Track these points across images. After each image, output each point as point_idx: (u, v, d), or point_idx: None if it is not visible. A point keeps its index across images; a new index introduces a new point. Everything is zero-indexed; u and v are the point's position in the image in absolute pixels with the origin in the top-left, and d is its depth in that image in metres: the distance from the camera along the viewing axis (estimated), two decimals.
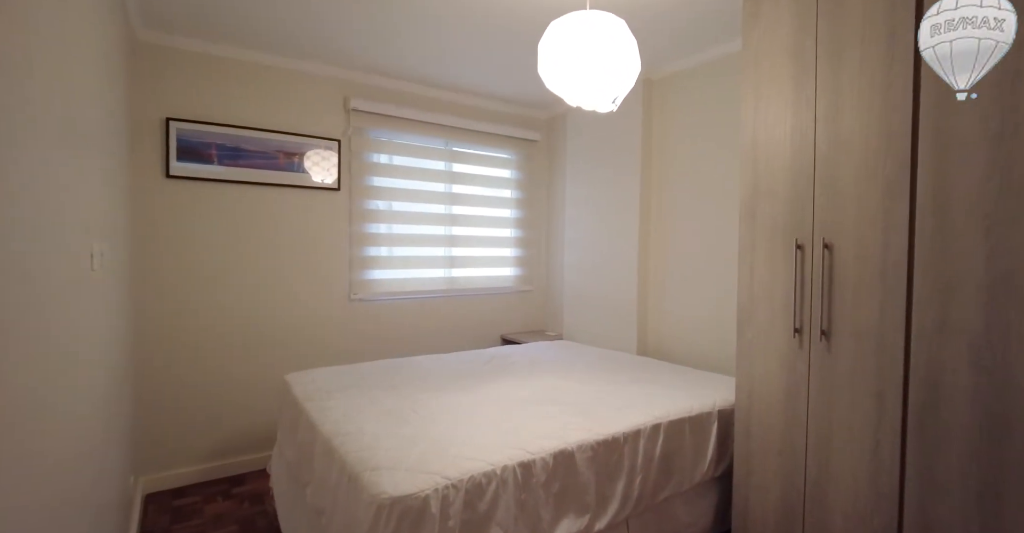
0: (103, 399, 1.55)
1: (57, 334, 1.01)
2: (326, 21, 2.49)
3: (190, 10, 2.41)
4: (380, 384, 2.29)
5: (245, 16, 2.46)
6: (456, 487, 1.39)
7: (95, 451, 1.46)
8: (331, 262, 3.13)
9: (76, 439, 1.17)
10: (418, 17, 2.44)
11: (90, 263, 1.28)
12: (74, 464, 1.14)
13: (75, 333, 1.15)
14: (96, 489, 1.43)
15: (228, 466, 2.83)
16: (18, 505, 0.79)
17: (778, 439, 1.87)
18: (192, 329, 2.75)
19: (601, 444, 1.70)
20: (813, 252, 1.75)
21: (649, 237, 3.14)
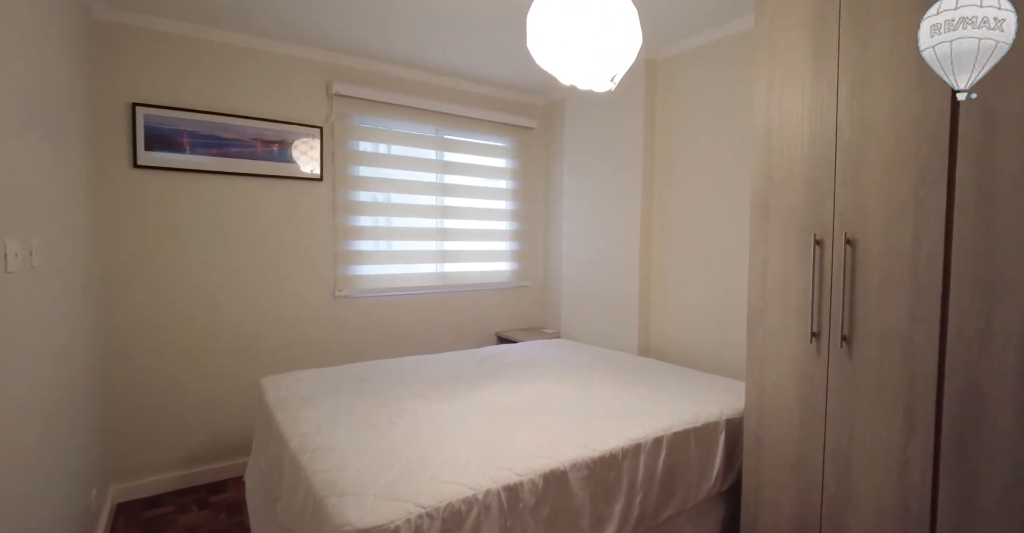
0: (42, 406, 1.39)
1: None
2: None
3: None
4: (360, 390, 2.12)
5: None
6: (432, 516, 1.23)
7: (29, 463, 1.30)
8: (314, 257, 2.96)
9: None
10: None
11: (3, 263, 1.11)
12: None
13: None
14: (31, 504, 1.28)
15: (206, 473, 2.69)
16: None
17: (792, 452, 1.71)
18: (166, 328, 2.59)
19: (597, 462, 1.54)
20: (833, 248, 1.58)
21: (652, 230, 2.96)
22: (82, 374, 1.95)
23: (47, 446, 1.48)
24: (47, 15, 1.59)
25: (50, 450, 1.51)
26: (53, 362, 1.56)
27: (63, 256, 1.71)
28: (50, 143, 1.59)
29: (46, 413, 1.49)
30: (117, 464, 2.49)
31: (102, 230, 2.42)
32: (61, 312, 1.65)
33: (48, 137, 1.57)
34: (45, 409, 1.48)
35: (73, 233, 1.87)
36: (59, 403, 1.62)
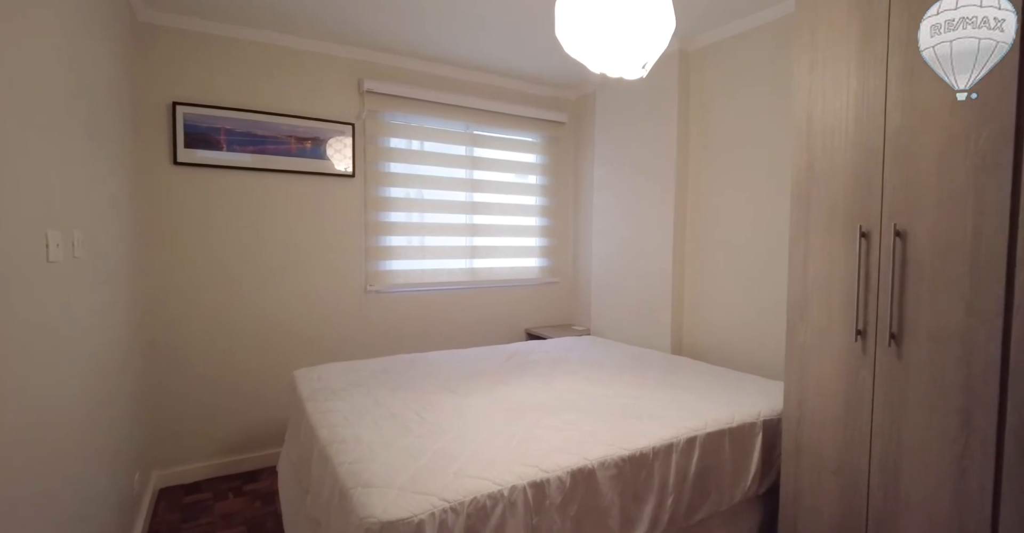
0: (85, 392, 1.44)
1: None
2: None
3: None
4: (389, 383, 2.13)
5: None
6: (456, 511, 1.22)
7: (75, 447, 1.35)
8: (346, 252, 3.00)
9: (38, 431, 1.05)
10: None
11: (45, 252, 1.15)
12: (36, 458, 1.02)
13: (29, 323, 1.03)
14: (77, 487, 1.33)
15: (242, 462, 2.76)
16: None
17: (835, 456, 1.62)
18: (205, 320, 2.66)
19: (627, 460, 1.49)
20: (881, 241, 1.48)
21: (686, 225, 2.88)
22: (125, 364, 2.02)
23: (92, 432, 1.53)
24: (95, 18, 1.65)
25: (95, 436, 1.57)
26: (98, 351, 1.61)
27: (106, 249, 1.77)
28: (93, 140, 1.64)
29: (92, 400, 1.54)
30: (159, 451, 2.58)
31: (144, 225, 2.50)
32: (104, 303, 1.71)
33: (91, 135, 1.62)
34: (91, 397, 1.53)
35: (115, 227, 1.93)
36: (104, 391, 1.68)
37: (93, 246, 1.59)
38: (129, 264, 2.17)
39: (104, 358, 1.70)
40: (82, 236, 1.46)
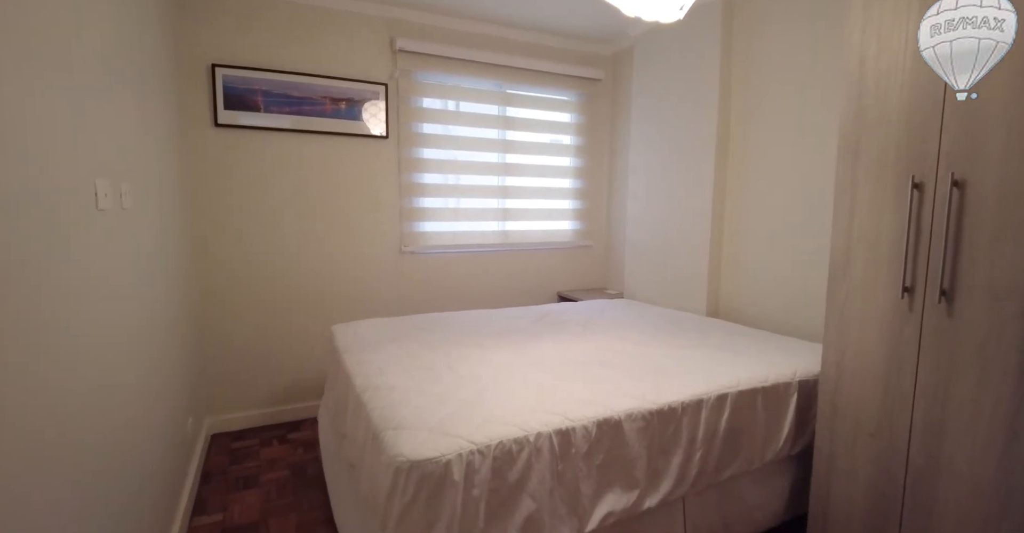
0: (143, 336, 1.53)
1: (54, 267, 0.94)
2: None
3: None
4: (422, 338, 2.18)
5: None
6: (483, 453, 1.25)
7: (133, 395, 1.45)
8: (381, 213, 3.04)
9: (93, 373, 1.13)
10: None
11: (95, 200, 1.21)
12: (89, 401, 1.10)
13: (79, 270, 1.09)
14: (133, 427, 1.43)
15: (286, 412, 2.90)
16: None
17: (873, 418, 1.57)
18: (248, 278, 2.77)
19: (655, 414, 1.49)
20: (936, 191, 1.39)
21: (726, 184, 2.77)
22: (178, 317, 2.13)
23: (149, 379, 1.64)
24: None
25: (152, 383, 1.68)
26: (153, 300, 1.71)
27: (154, 203, 1.84)
28: (137, 99, 1.69)
29: (150, 346, 1.64)
30: (211, 399, 2.74)
31: (189, 185, 2.59)
32: (155, 255, 1.80)
33: (137, 94, 1.67)
34: (149, 342, 1.63)
35: (161, 183, 2.01)
36: (160, 338, 1.78)
37: (141, 199, 1.66)
38: (177, 220, 2.26)
39: (159, 307, 1.80)
40: (129, 188, 1.52)
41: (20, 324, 0.83)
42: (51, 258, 0.96)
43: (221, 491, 2.16)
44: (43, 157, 0.96)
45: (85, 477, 1.06)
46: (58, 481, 0.93)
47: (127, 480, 1.36)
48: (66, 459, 0.97)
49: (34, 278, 0.89)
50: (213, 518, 1.97)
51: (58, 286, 0.98)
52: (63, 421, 0.96)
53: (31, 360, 0.86)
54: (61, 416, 0.96)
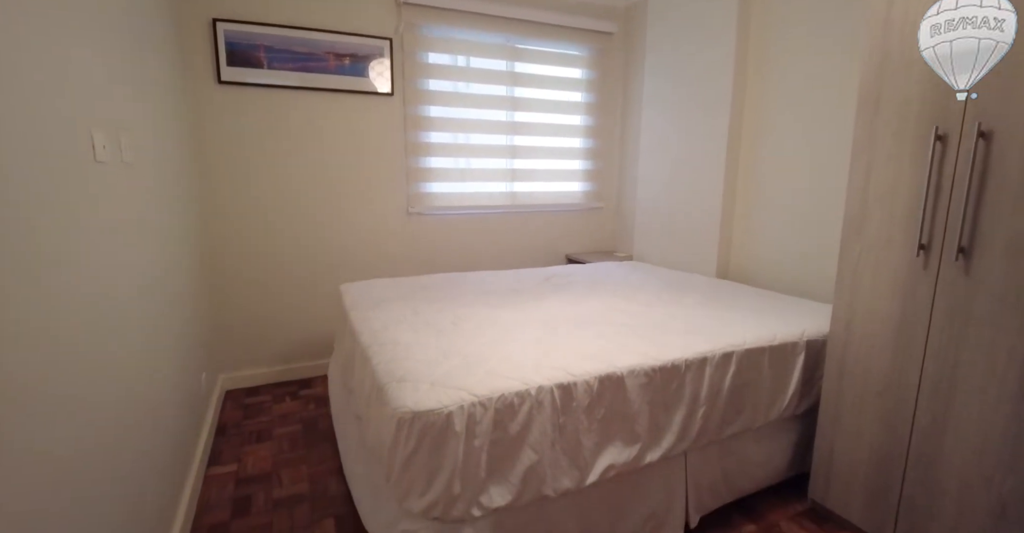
0: (143, 291, 1.54)
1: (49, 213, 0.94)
2: None
3: None
4: (427, 296, 2.18)
5: None
6: (484, 405, 1.26)
7: (143, 352, 1.48)
8: (388, 173, 3.00)
9: (92, 321, 1.14)
10: None
11: (92, 152, 1.19)
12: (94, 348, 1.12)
13: (78, 221, 1.09)
14: (145, 382, 1.46)
15: (298, 370, 2.96)
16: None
17: (880, 378, 1.56)
18: (256, 237, 2.78)
19: (658, 370, 1.49)
20: (961, 143, 1.32)
21: (740, 142, 2.68)
22: (188, 275, 2.15)
23: (158, 334, 1.67)
24: None
25: (161, 338, 1.71)
26: (157, 257, 1.72)
27: (157, 159, 1.83)
28: (135, 52, 1.65)
29: (158, 302, 1.66)
30: (225, 356, 2.80)
31: (195, 143, 2.57)
32: (161, 211, 1.80)
33: (133, 46, 1.63)
34: (157, 298, 1.65)
35: (166, 140, 1.99)
36: (170, 293, 1.80)
37: (144, 154, 1.65)
38: (183, 177, 2.25)
39: (167, 263, 1.81)
40: (130, 142, 1.50)
41: (19, 271, 0.83)
42: (45, 207, 0.95)
43: (235, 444, 2.23)
44: (34, 103, 0.94)
45: (101, 426, 1.09)
46: (74, 429, 0.96)
47: (143, 431, 1.40)
48: (80, 408, 1.00)
49: (30, 225, 0.88)
50: (227, 469, 2.04)
51: (55, 235, 0.98)
52: (67, 376, 0.98)
53: (32, 309, 0.86)
54: (66, 372, 0.97)
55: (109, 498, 1.14)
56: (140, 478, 1.35)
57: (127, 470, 1.26)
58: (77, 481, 0.99)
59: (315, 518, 1.75)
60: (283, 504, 1.82)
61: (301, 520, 1.74)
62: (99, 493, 1.09)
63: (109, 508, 1.14)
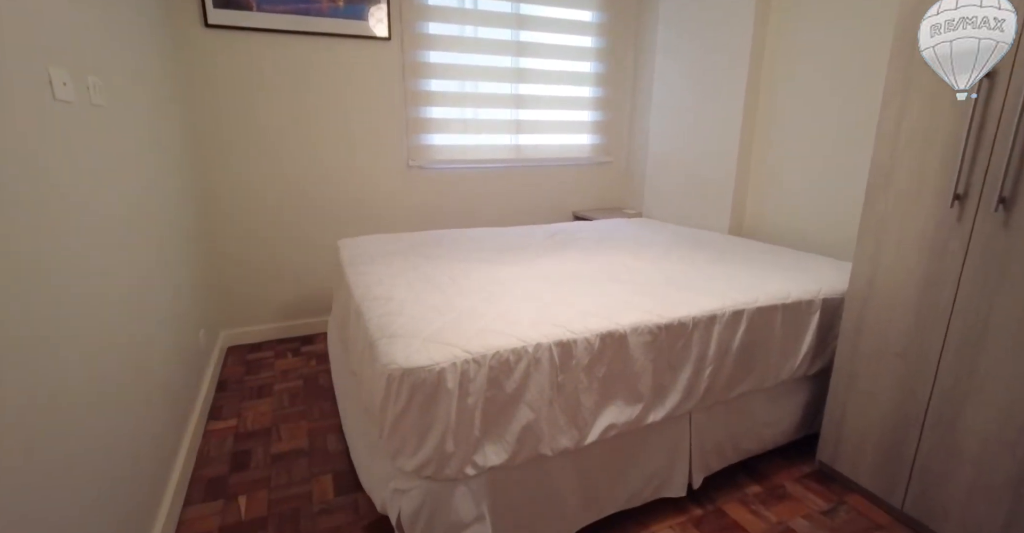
0: (125, 245, 1.48)
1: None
2: None
3: None
4: (426, 252, 2.10)
5: None
6: (478, 362, 1.19)
7: (136, 308, 1.43)
8: (386, 124, 2.86)
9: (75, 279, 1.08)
10: None
11: (49, 91, 1.09)
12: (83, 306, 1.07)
13: (35, 163, 1.00)
14: (136, 341, 1.42)
15: (300, 326, 2.94)
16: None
17: (901, 338, 1.47)
18: (252, 191, 2.69)
19: (663, 329, 1.41)
20: (1011, 82, 1.18)
21: (759, 93, 2.51)
22: (178, 229, 2.08)
23: (146, 291, 1.62)
24: None
25: (150, 295, 1.66)
26: (142, 208, 1.64)
27: (137, 103, 1.72)
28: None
29: (144, 258, 1.60)
30: (226, 313, 2.77)
31: (182, 90, 2.44)
32: (144, 159, 1.71)
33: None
34: (143, 253, 1.59)
35: (148, 84, 1.87)
36: (155, 251, 1.73)
37: (119, 97, 1.54)
38: (173, 127, 2.15)
39: (151, 217, 1.74)
40: (99, 82, 1.40)
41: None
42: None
43: (235, 399, 2.22)
44: None
45: (86, 376, 1.04)
46: (64, 378, 0.91)
47: (135, 386, 1.37)
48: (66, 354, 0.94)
49: None
50: (227, 423, 2.03)
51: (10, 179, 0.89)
52: (43, 335, 0.92)
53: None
54: (42, 329, 0.91)
55: (102, 450, 1.13)
56: (134, 431, 1.33)
57: (119, 424, 1.24)
58: (67, 430, 0.98)
59: (313, 473, 1.73)
60: (282, 459, 1.81)
61: (299, 475, 1.73)
62: (90, 446, 1.07)
63: (101, 461, 1.13)
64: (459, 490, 1.22)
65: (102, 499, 1.11)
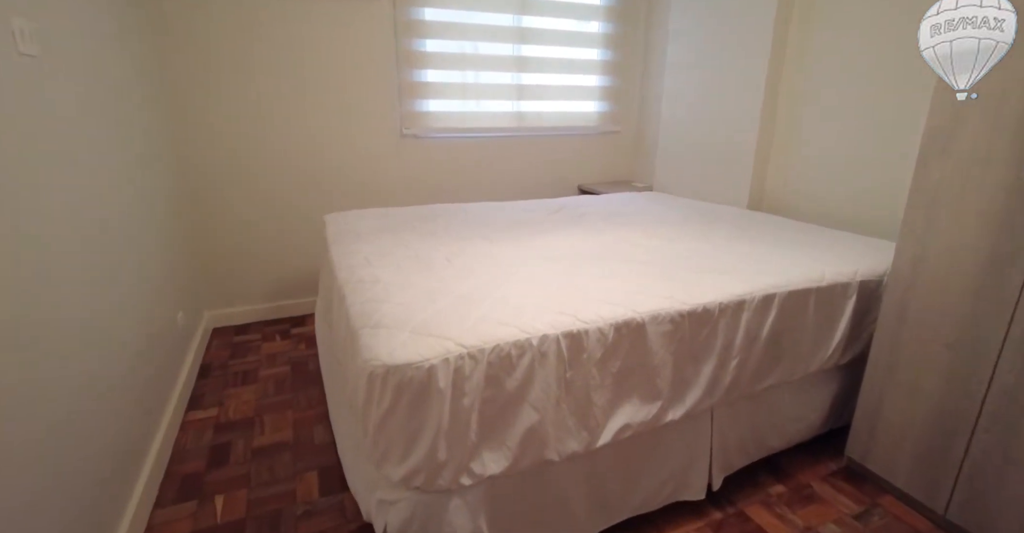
0: (83, 220, 1.31)
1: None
2: None
3: None
4: (420, 229, 1.92)
5: None
6: (475, 357, 1.03)
7: (97, 285, 1.27)
8: (378, 88, 2.64)
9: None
10: None
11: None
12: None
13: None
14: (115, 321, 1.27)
15: (289, 307, 2.78)
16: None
17: (953, 327, 1.30)
18: (235, 160, 2.49)
19: (686, 316, 1.24)
20: None
21: (784, 54, 2.28)
22: (152, 203, 1.90)
23: (117, 273, 1.47)
24: None
25: (121, 277, 1.51)
26: (111, 179, 1.46)
27: (89, 59, 1.52)
28: None
29: (106, 238, 1.44)
30: (210, 292, 2.61)
31: (152, 51, 2.21)
32: (96, 119, 1.51)
33: None
34: (102, 233, 1.42)
35: (103, 34, 1.66)
36: (120, 226, 1.56)
37: (53, 42, 1.34)
38: (145, 90, 1.94)
39: (127, 190, 1.56)
40: (32, 27, 1.19)
41: None
42: None
43: (218, 386, 2.08)
44: None
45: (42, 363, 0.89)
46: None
47: (98, 373, 1.23)
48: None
49: None
50: (208, 413, 1.89)
51: None
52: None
53: None
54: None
55: (52, 442, 1.01)
56: (94, 422, 1.19)
57: (74, 414, 1.09)
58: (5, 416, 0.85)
59: (297, 470, 1.59)
60: (264, 453, 1.67)
61: (282, 472, 1.59)
62: (33, 437, 0.95)
63: (50, 455, 0.99)
64: (453, 502, 1.07)
65: (44, 500, 0.97)
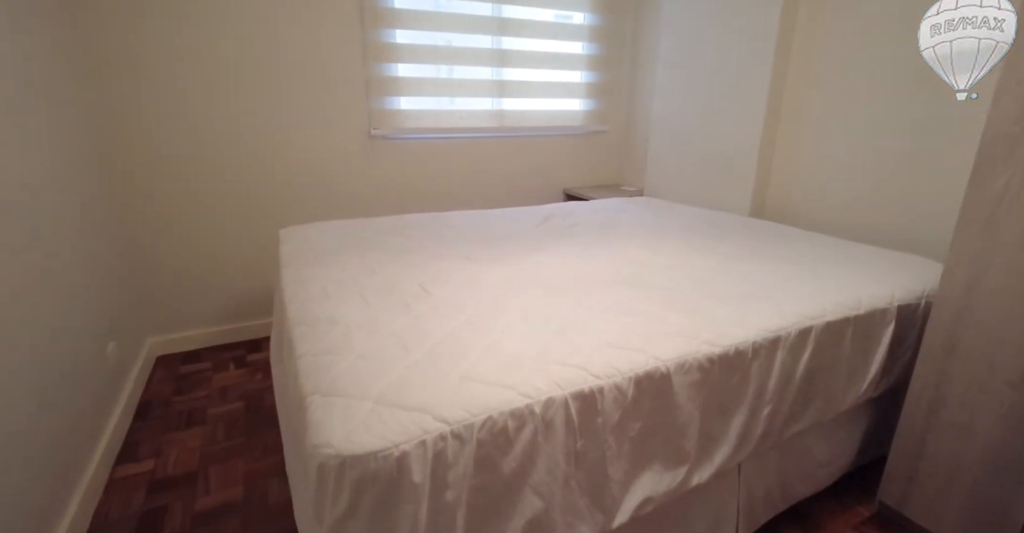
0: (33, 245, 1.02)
1: None
2: None
3: None
4: (391, 246, 1.67)
5: None
6: (460, 437, 0.79)
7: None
8: (342, 84, 2.36)
9: None
10: None
11: None
12: None
13: None
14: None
15: (244, 329, 2.49)
16: None
17: (1017, 363, 1.11)
18: (177, 165, 2.18)
19: (716, 361, 1.02)
20: None
21: (791, 43, 2.09)
22: (71, 216, 1.60)
23: (21, 303, 1.21)
24: None
25: (26, 307, 1.24)
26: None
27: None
28: None
29: (20, 259, 1.16)
30: (154, 316, 2.30)
31: (85, 44, 1.89)
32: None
33: None
34: (16, 251, 1.14)
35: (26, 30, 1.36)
36: (29, 251, 1.27)
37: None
38: (63, 79, 1.63)
39: (23, 201, 1.26)
40: None
41: None
42: None
43: (157, 430, 1.79)
44: None
45: None
46: None
47: None
48: None
49: None
50: (141, 467, 1.61)
51: None
52: None
53: None
54: None
55: None
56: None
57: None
58: None
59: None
60: (207, 520, 1.40)
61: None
62: None
63: None
64: None
65: None
